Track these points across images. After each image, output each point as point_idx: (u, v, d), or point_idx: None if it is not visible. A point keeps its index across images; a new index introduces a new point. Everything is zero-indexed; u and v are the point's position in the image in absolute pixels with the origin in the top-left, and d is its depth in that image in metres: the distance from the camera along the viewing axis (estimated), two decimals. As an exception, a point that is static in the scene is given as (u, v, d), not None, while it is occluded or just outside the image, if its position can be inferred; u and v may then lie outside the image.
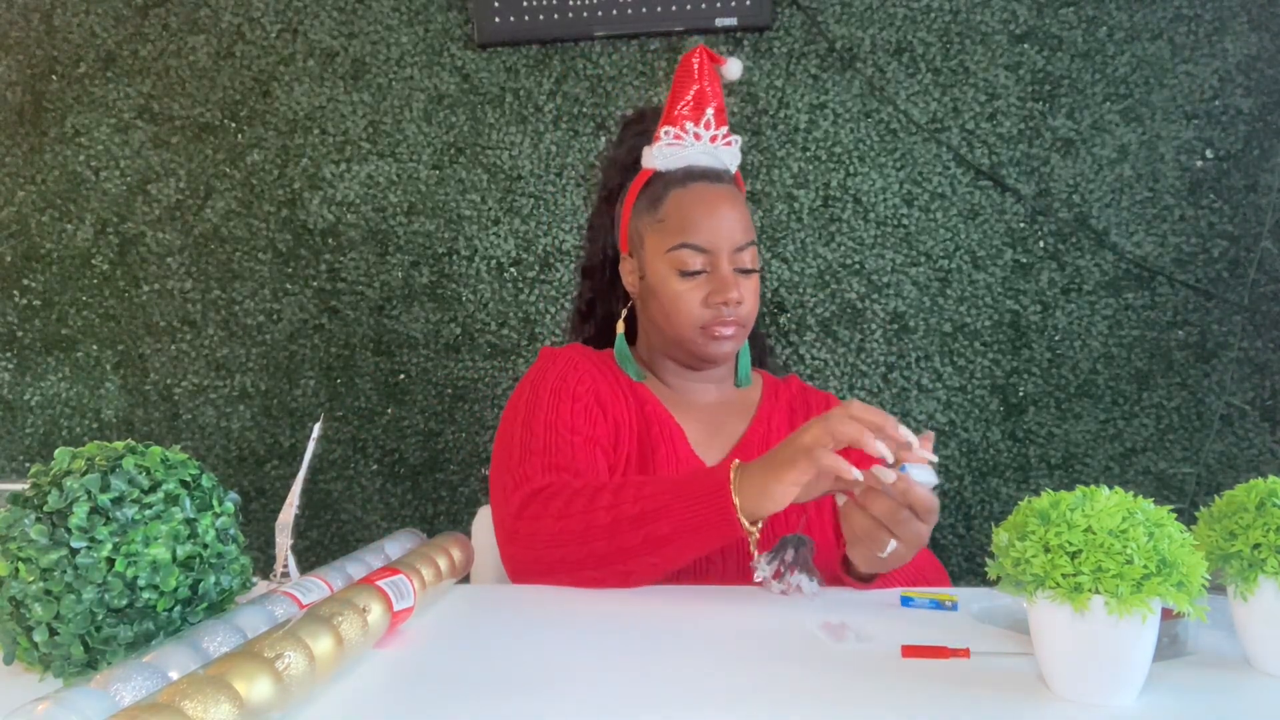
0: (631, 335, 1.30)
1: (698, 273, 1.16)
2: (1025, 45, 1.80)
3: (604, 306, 1.32)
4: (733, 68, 1.21)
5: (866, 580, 1.01)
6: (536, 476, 1.06)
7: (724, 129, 1.21)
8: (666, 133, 1.20)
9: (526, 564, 1.01)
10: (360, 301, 1.94)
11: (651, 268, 1.19)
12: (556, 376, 1.18)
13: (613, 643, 0.81)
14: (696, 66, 1.19)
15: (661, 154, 1.20)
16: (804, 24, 1.84)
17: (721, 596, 0.97)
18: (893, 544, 0.89)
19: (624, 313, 1.28)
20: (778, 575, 0.95)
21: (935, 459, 0.90)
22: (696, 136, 1.19)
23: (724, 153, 1.21)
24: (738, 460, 0.95)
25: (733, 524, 0.92)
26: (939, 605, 0.91)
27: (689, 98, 1.19)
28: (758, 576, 0.95)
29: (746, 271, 1.18)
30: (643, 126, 1.28)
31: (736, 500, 0.91)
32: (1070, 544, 0.63)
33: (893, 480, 0.87)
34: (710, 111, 1.19)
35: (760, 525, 0.92)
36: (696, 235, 1.16)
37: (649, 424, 1.19)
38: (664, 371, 1.25)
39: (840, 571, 1.02)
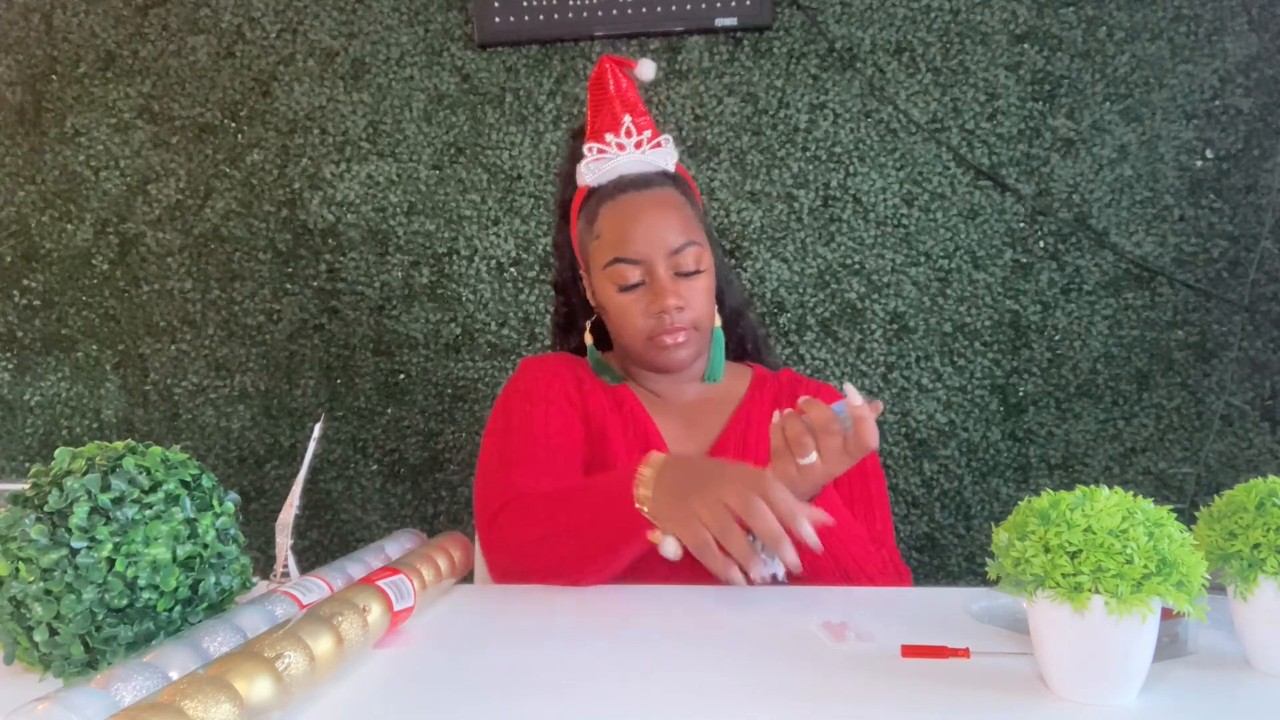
0: (608, 340, 1.31)
1: (637, 285, 1.15)
2: (1025, 45, 1.80)
3: (583, 317, 1.32)
4: (644, 69, 1.21)
5: None
6: (510, 487, 1.08)
7: (648, 132, 1.20)
8: (590, 149, 1.20)
9: (504, 567, 1.04)
10: (360, 301, 1.94)
11: (597, 284, 1.19)
12: (528, 382, 1.20)
13: (612, 643, 0.81)
14: (609, 78, 1.19)
15: (590, 170, 1.20)
16: (804, 24, 1.84)
17: (722, 596, 0.97)
18: (813, 455, 0.92)
19: (588, 324, 1.28)
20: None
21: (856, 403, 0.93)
22: (620, 146, 1.19)
23: (653, 156, 1.20)
24: (655, 453, 0.97)
25: (642, 520, 0.94)
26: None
27: (606, 110, 1.19)
28: (767, 571, 0.92)
29: (689, 274, 1.16)
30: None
31: (644, 494, 0.93)
32: (1070, 544, 0.63)
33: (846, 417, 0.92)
34: (629, 119, 1.19)
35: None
36: (627, 248, 1.15)
37: (626, 425, 1.20)
38: (639, 376, 1.26)
39: None
